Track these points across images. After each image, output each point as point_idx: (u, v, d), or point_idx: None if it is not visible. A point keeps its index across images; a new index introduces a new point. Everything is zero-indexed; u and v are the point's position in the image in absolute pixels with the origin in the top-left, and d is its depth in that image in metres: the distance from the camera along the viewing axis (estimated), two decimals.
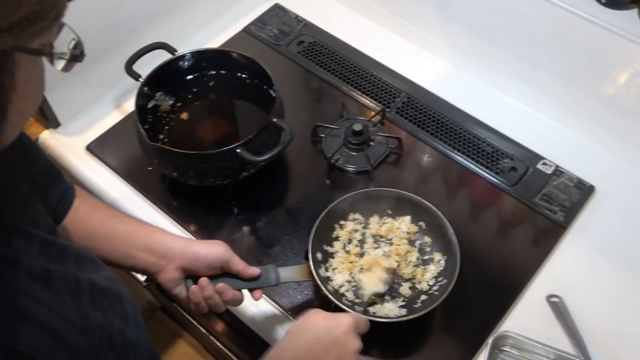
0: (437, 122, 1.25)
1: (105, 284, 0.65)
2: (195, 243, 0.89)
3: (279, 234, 1.10)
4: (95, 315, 0.60)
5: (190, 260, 0.86)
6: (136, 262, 0.87)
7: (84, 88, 1.25)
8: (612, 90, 1.17)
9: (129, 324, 0.66)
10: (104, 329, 0.60)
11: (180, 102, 1.19)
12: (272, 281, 0.91)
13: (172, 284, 0.87)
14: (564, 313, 1.01)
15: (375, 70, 1.33)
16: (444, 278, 0.99)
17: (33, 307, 0.53)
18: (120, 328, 0.63)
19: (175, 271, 0.86)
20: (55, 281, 0.58)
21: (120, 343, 0.63)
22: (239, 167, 1.06)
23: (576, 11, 1.09)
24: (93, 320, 0.59)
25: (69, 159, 1.21)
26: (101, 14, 1.18)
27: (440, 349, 0.99)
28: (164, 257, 0.86)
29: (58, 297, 0.57)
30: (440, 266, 1.01)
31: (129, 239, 0.87)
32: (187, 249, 0.87)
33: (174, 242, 0.88)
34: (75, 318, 0.57)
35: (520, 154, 1.20)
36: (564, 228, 1.11)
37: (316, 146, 1.22)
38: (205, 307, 0.87)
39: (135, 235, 0.87)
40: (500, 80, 1.30)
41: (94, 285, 0.63)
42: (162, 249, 0.86)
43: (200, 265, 0.86)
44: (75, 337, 0.56)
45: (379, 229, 1.06)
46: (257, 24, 1.42)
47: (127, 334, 0.64)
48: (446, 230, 1.01)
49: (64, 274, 0.60)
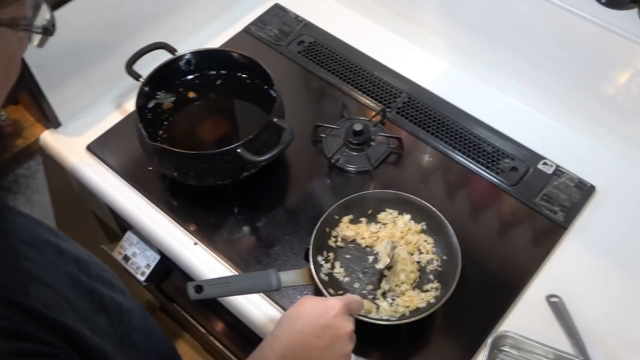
0: (438, 122, 1.25)
1: (86, 256, 0.67)
2: None
3: (279, 234, 1.10)
4: (84, 280, 0.62)
5: None
6: None
7: (84, 88, 1.25)
8: (612, 90, 1.17)
9: (116, 291, 0.67)
10: (94, 294, 0.62)
11: (181, 102, 1.19)
12: (273, 286, 0.91)
13: None
14: (563, 313, 1.01)
15: (376, 70, 1.33)
16: (444, 279, 0.99)
17: (34, 269, 0.55)
18: (109, 294, 0.65)
19: None
20: (42, 247, 0.60)
21: (112, 307, 0.64)
22: (239, 167, 1.06)
23: (576, 11, 1.09)
24: (83, 284, 0.61)
25: (70, 159, 1.21)
26: (101, 14, 1.18)
27: (439, 348, 0.99)
28: None
29: (49, 260, 0.59)
30: (440, 267, 1.01)
31: None
32: None
33: None
34: (66, 280, 0.59)
35: (521, 154, 1.20)
36: (564, 228, 1.11)
37: (317, 146, 1.22)
38: None
39: None
40: (501, 80, 1.30)
41: (77, 255, 0.65)
42: None
43: None
44: (72, 296, 0.58)
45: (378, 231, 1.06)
46: (258, 24, 1.42)
47: (116, 299, 0.66)
48: (447, 231, 1.01)
49: (47, 241, 0.62)
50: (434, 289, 0.99)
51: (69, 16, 1.11)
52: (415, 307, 0.96)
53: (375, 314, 0.96)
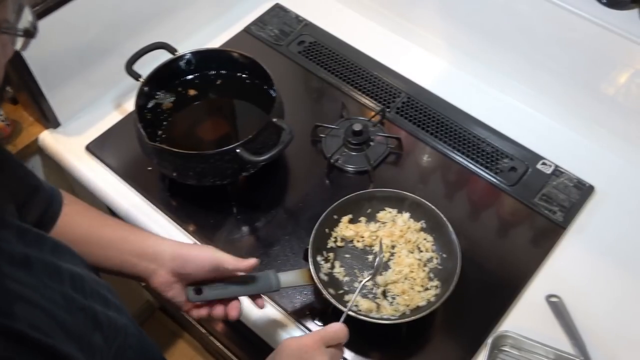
0: (437, 122, 1.25)
1: (83, 272, 0.66)
2: (185, 246, 0.89)
3: (279, 234, 1.10)
4: (78, 298, 0.61)
5: (181, 263, 0.86)
6: (127, 268, 0.86)
7: (84, 88, 1.25)
8: (612, 90, 1.17)
9: (111, 308, 0.67)
10: (88, 311, 0.61)
11: (180, 102, 1.19)
12: (273, 287, 0.91)
13: (165, 287, 0.87)
14: (563, 313, 1.01)
15: (375, 70, 1.34)
16: (444, 279, 0.99)
17: (20, 290, 0.54)
18: (103, 311, 0.64)
19: (167, 275, 0.86)
20: (35, 266, 0.59)
21: (107, 324, 0.64)
22: (238, 167, 1.06)
23: (576, 11, 1.09)
24: (76, 302, 0.60)
25: (69, 159, 1.21)
26: (101, 14, 1.18)
27: (439, 348, 0.99)
28: (154, 261, 0.86)
29: (40, 280, 0.58)
30: (440, 266, 1.01)
31: (120, 244, 0.87)
32: (177, 252, 0.86)
33: (164, 246, 0.87)
34: (58, 299, 0.58)
35: (520, 154, 1.20)
36: (563, 228, 1.11)
37: (316, 146, 1.22)
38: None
39: (126, 241, 0.87)
40: (500, 80, 1.30)
41: (74, 272, 0.64)
42: (152, 254, 0.86)
43: (191, 267, 0.86)
44: (63, 315, 0.57)
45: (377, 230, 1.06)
46: (258, 24, 1.43)
47: (111, 316, 0.65)
48: (446, 229, 1.01)
49: (43, 260, 0.61)
50: (434, 287, 0.99)
51: (69, 16, 1.11)
52: (416, 306, 0.96)
53: (376, 313, 0.96)
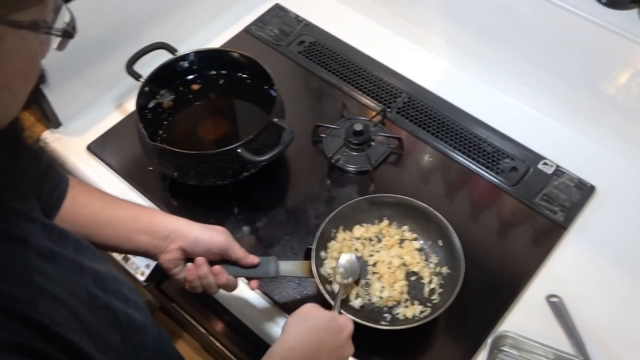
0: (438, 122, 1.25)
1: (104, 270, 0.66)
2: (197, 227, 0.89)
3: (279, 234, 1.10)
4: (100, 295, 0.61)
5: (192, 243, 0.86)
6: (138, 245, 0.87)
7: (84, 88, 1.25)
8: (612, 90, 1.17)
9: (131, 307, 0.67)
10: (109, 309, 0.62)
11: (181, 102, 1.19)
12: (271, 273, 0.91)
13: (172, 264, 0.87)
14: (563, 313, 1.01)
15: (376, 70, 1.34)
16: (447, 283, 0.99)
17: (46, 283, 0.54)
18: (124, 309, 0.64)
19: (176, 252, 0.87)
20: (60, 261, 0.59)
21: (126, 323, 0.64)
22: (239, 167, 1.06)
23: (576, 11, 1.09)
24: (98, 300, 0.61)
25: (70, 159, 1.21)
26: (101, 14, 1.18)
27: (439, 348, 1.00)
28: (165, 238, 0.86)
29: (66, 275, 0.58)
30: (443, 273, 1.01)
31: (131, 223, 0.87)
32: (189, 232, 0.87)
33: (175, 223, 0.88)
34: (82, 295, 0.58)
35: (521, 154, 1.20)
36: (564, 228, 1.11)
37: (317, 146, 1.22)
38: (199, 287, 0.88)
39: (137, 219, 0.88)
40: (501, 80, 1.30)
41: (96, 270, 0.64)
42: (164, 231, 0.87)
43: (201, 249, 0.87)
44: (84, 312, 0.57)
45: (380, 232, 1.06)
46: (258, 24, 1.43)
47: (130, 315, 0.65)
48: (451, 240, 1.00)
49: (67, 256, 0.61)
50: (436, 294, 0.99)
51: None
52: (413, 316, 0.97)
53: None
